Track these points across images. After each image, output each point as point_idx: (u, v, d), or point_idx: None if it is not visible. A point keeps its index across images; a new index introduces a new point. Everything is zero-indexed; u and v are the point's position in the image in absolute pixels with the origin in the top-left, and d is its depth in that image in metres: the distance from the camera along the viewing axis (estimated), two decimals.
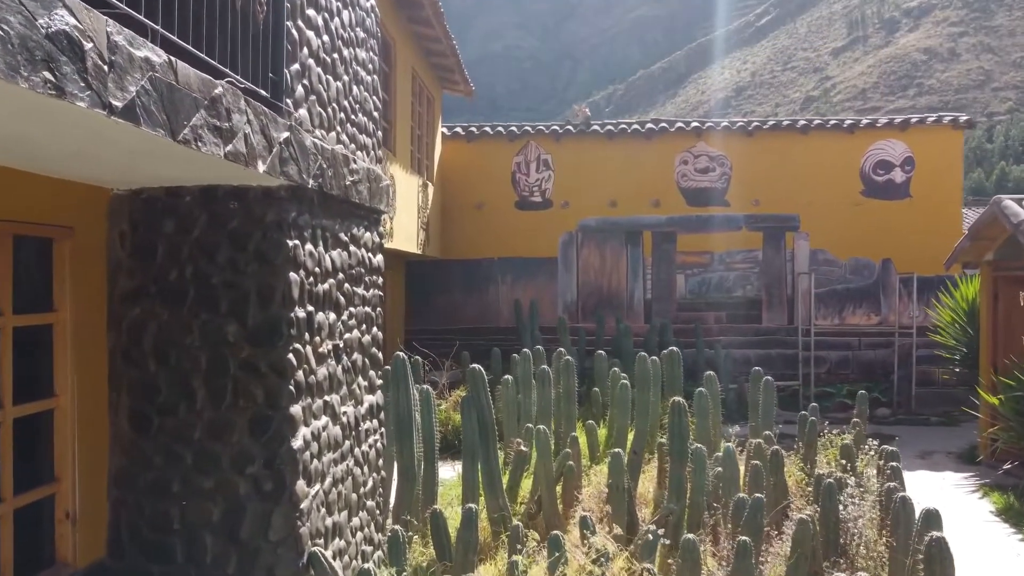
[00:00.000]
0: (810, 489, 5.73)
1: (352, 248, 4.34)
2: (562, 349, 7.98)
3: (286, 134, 3.25)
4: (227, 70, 2.85)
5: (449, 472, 7.42)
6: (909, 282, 11.92)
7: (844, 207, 12.09)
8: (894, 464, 5.04)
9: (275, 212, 3.43)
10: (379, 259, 4.90)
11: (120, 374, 3.50)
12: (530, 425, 6.81)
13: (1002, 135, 76.44)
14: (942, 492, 7.17)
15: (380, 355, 4.95)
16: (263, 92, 3.21)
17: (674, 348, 6.61)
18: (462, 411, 5.28)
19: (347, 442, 4.23)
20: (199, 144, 2.48)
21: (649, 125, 12.61)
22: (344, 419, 4.18)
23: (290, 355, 3.45)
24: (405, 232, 10.29)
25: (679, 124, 12.61)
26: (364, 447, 4.57)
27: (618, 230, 12.58)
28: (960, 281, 8.95)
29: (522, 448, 6.39)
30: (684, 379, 8.71)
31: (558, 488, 6.06)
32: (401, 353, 5.24)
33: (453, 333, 12.72)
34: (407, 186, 10.43)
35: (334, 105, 4.10)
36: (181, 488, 3.45)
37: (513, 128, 12.88)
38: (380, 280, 4.93)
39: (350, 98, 4.39)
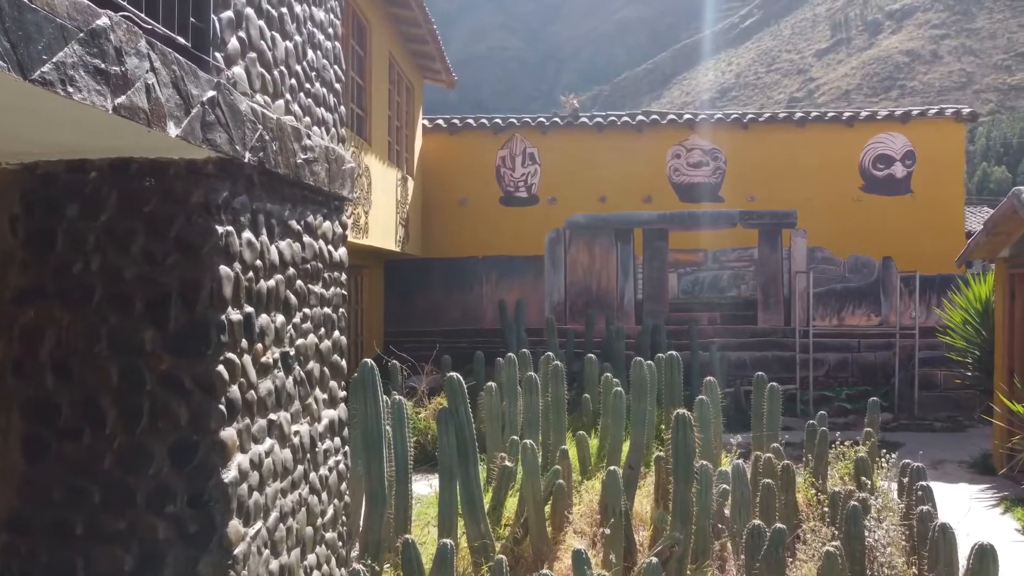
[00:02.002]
0: (826, 509, 5.17)
1: (306, 239, 3.71)
2: (550, 354, 7.38)
3: (212, 93, 2.61)
4: (124, 3, 2.22)
5: (428, 488, 6.80)
6: (910, 281, 11.44)
7: (843, 203, 11.59)
8: (924, 484, 4.48)
9: (201, 191, 2.79)
10: (342, 253, 4.27)
11: (10, 392, 2.84)
12: (515, 437, 6.20)
13: (983, 136, 76.85)
14: (960, 507, 6.63)
15: (343, 363, 4.31)
16: (181, 40, 2.57)
17: (673, 352, 6.04)
18: (438, 426, 4.66)
19: (300, 467, 3.59)
20: (69, 88, 1.85)
21: (640, 117, 12.06)
22: (296, 440, 3.54)
23: (221, 367, 2.81)
24: (383, 228, 9.65)
25: (671, 116, 12.07)
26: (322, 471, 3.93)
27: (608, 227, 12.01)
28: (972, 279, 8.47)
29: (507, 463, 5.78)
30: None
31: (547, 508, 5.46)
32: (369, 360, 4.62)
33: (435, 335, 12.10)
34: (385, 179, 9.80)
35: (282, 68, 3.46)
36: (86, 531, 2.80)
37: (498, 120, 12.28)
38: (343, 277, 4.30)
39: (304, 63, 3.76)
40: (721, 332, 11.85)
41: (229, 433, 2.85)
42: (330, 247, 4.09)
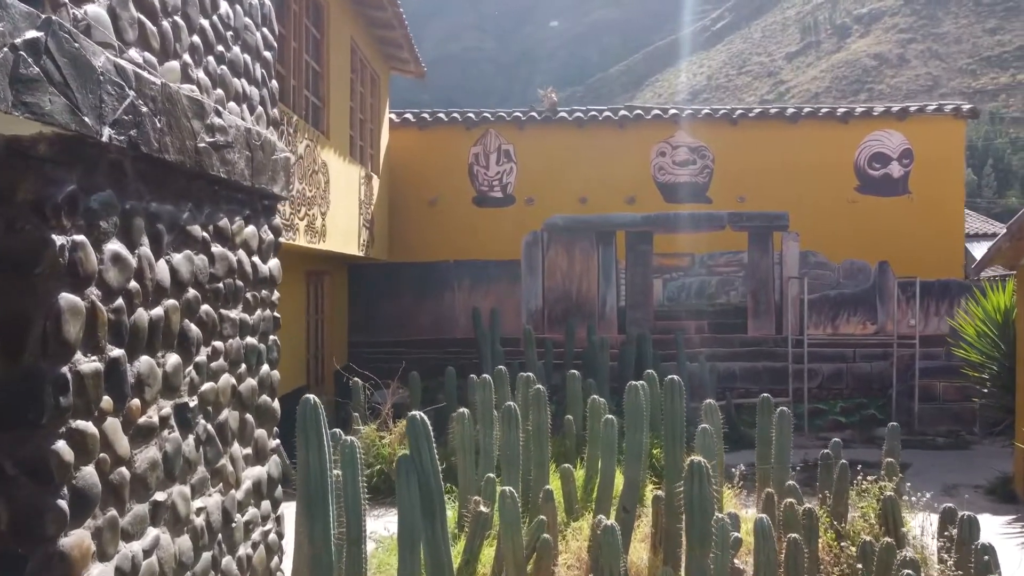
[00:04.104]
0: (859, 567, 4.39)
1: (217, 249, 2.81)
2: (531, 375, 6.54)
3: (35, 34, 1.72)
4: None
5: (388, 531, 5.92)
6: (908, 287, 10.83)
7: (837, 204, 10.94)
8: (987, 544, 3.71)
9: (31, 184, 1.90)
10: (273, 266, 3.38)
11: None
12: (492, 475, 5.35)
13: None
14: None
15: (276, 404, 3.43)
16: None
17: (674, 377, 5.25)
18: (398, 477, 3.79)
19: (206, 555, 2.70)
20: None
21: (623, 113, 11.28)
22: (199, 520, 2.65)
23: (61, 442, 1.92)
24: (343, 231, 8.72)
25: (656, 111, 11.31)
26: (242, 550, 3.04)
27: (588, 229, 11.22)
28: (988, 287, 7.82)
29: (482, 509, 4.92)
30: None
31: (529, 566, 4.62)
32: (311, 397, 3.72)
33: (403, 345, 11.22)
34: (346, 177, 8.87)
35: (177, 19, 2.57)
36: None
37: (470, 115, 11.41)
38: (275, 296, 3.41)
39: (215, 18, 2.86)
40: (709, 341, 11.12)
41: (77, 538, 1.95)
42: (255, 259, 3.19)
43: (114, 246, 2.15)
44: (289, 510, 4.06)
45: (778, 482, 5.84)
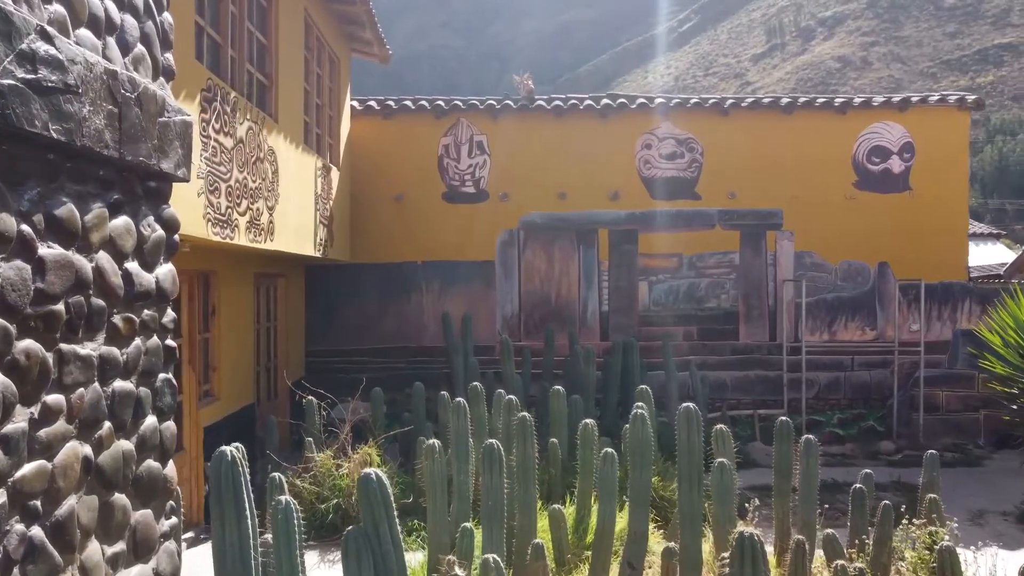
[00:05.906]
0: None
1: (51, 251, 1.81)
2: (512, 397, 5.61)
3: None
4: None
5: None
6: (908, 290, 10.15)
7: (834, 201, 10.22)
8: None
9: None
10: (162, 274, 2.37)
11: None
12: (468, 525, 4.40)
13: None
14: None
15: (167, 470, 2.43)
16: None
17: (690, 405, 4.37)
18: (345, 557, 2.81)
19: None
20: None
21: (605, 102, 10.40)
22: None
23: None
24: (295, 228, 7.69)
25: (641, 100, 10.46)
26: None
27: (568, 228, 10.33)
28: (1019, 292, 7.13)
29: (457, 572, 3.98)
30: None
31: None
32: (228, 450, 2.72)
33: (367, 354, 10.23)
34: (299, 167, 7.83)
35: None
36: None
37: (440, 103, 10.43)
38: (167, 317, 2.41)
39: None
40: (698, 349, 10.32)
41: None
42: (131, 264, 2.19)
43: None
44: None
45: (804, 523, 5.01)
